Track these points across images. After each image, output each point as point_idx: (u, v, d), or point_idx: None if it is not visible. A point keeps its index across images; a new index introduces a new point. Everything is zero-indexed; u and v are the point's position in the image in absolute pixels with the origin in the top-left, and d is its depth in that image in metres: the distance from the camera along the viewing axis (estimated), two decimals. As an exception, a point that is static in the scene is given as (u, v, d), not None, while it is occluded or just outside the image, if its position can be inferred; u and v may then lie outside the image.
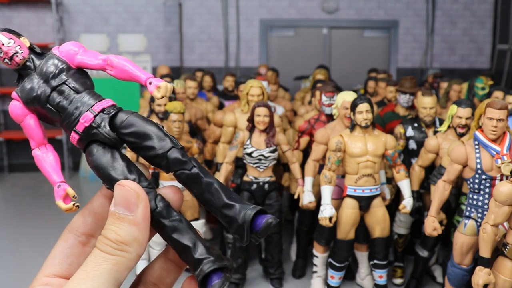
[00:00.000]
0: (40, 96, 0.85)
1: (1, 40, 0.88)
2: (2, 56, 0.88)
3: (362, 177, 3.83)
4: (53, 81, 0.85)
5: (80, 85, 0.86)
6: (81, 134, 0.81)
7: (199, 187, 0.80)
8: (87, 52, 0.88)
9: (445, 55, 8.63)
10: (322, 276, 4.36)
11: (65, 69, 0.86)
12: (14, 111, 0.89)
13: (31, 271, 4.91)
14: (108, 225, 0.67)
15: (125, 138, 0.81)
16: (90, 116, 0.81)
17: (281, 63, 8.19)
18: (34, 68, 0.88)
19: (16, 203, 6.81)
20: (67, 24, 7.87)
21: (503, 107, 3.21)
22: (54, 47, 0.88)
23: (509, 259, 2.93)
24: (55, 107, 0.84)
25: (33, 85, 0.86)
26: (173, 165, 0.80)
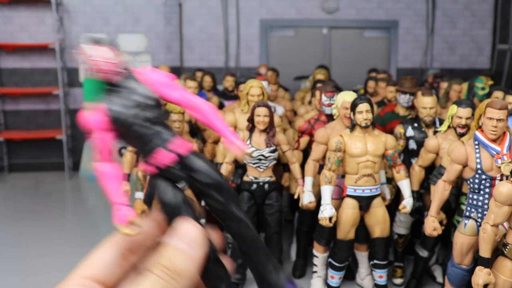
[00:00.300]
0: (127, 120, 0.87)
1: (109, 56, 0.90)
2: (105, 69, 0.89)
3: (362, 177, 3.83)
4: (140, 108, 0.87)
5: (160, 116, 0.89)
6: (156, 167, 0.85)
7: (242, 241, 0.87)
8: (172, 87, 0.92)
9: (445, 55, 8.63)
10: (322, 276, 4.36)
11: (150, 99, 0.89)
12: (92, 122, 0.90)
13: (31, 271, 4.91)
14: (165, 255, 0.71)
15: (192, 181, 0.87)
16: (165, 155, 0.86)
17: (281, 63, 8.19)
18: (125, 87, 0.89)
19: (16, 203, 6.81)
20: (67, 24, 7.87)
21: (503, 107, 3.21)
22: (139, 71, 0.91)
23: (509, 259, 2.93)
24: (137, 133, 0.86)
25: (122, 107, 0.88)
26: (228, 217, 0.86)
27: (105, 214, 6.42)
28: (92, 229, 5.80)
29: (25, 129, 8.01)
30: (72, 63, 7.96)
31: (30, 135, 7.73)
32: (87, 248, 3.48)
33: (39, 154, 8.17)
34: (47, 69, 7.93)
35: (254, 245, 0.86)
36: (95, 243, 2.87)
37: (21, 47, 7.72)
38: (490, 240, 2.92)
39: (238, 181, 4.52)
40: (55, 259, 4.96)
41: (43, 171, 8.13)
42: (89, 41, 0.90)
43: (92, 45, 0.90)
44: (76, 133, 8.21)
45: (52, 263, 4.86)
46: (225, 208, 0.85)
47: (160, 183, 0.85)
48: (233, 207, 0.85)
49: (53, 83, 7.90)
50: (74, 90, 8.08)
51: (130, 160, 4.35)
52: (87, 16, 7.92)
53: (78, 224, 6.08)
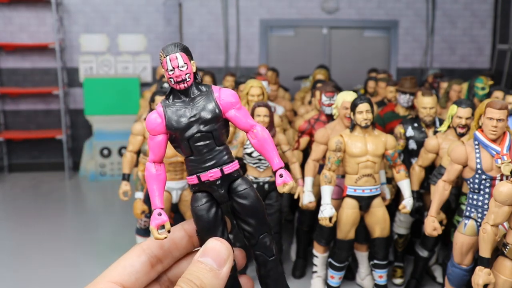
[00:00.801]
0: (185, 130, 0.88)
1: (178, 62, 0.90)
2: (171, 75, 0.90)
3: (362, 177, 3.83)
4: (204, 124, 0.88)
5: (223, 138, 0.90)
6: (201, 182, 0.86)
7: (265, 271, 0.89)
8: (241, 110, 0.93)
9: (445, 55, 8.63)
10: (322, 276, 4.36)
11: (218, 117, 0.90)
12: (152, 125, 0.91)
13: (31, 271, 4.90)
14: (193, 271, 0.73)
15: (234, 203, 0.88)
16: (218, 174, 0.87)
17: (281, 63, 8.19)
18: (189, 96, 0.90)
19: (16, 203, 6.81)
20: (67, 24, 7.87)
21: (503, 107, 3.21)
22: (215, 87, 0.92)
23: (509, 259, 2.93)
24: (193, 146, 0.87)
25: (183, 115, 0.89)
26: (259, 246, 0.88)
27: (105, 214, 6.43)
28: (92, 229, 5.80)
29: (25, 129, 8.01)
30: (72, 63, 7.97)
31: (30, 135, 7.73)
32: (87, 248, 3.54)
33: (39, 154, 8.17)
34: (47, 69, 7.93)
35: (276, 283, 0.89)
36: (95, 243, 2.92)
37: (21, 47, 7.72)
38: (490, 240, 2.92)
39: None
40: (55, 258, 4.96)
41: (43, 171, 8.13)
42: (170, 51, 0.91)
43: (171, 55, 0.91)
44: (76, 133, 8.21)
45: (52, 263, 4.86)
46: (257, 237, 0.87)
47: (199, 198, 0.87)
48: (266, 238, 0.88)
49: (53, 83, 7.90)
50: (74, 90, 8.08)
51: (130, 160, 4.35)
52: (87, 16, 7.91)
53: (78, 224, 6.08)
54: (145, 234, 4.55)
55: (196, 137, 0.87)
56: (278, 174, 0.91)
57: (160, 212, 0.87)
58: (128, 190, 4.34)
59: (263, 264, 0.88)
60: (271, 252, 0.88)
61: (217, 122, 0.89)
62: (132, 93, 7.76)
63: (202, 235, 0.83)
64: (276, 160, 0.92)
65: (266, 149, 0.93)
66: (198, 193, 0.88)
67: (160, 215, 0.86)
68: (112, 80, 7.81)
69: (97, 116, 7.74)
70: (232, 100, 0.91)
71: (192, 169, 0.88)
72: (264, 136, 0.92)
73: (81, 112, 8.04)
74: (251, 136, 0.94)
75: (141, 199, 4.17)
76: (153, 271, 0.80)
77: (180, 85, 0.90)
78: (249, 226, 0.87)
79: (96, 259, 4.83)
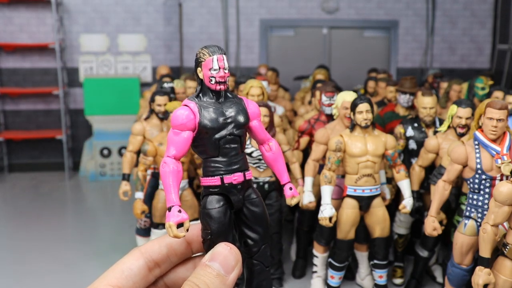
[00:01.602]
0: (218, 130, 0.89)
1: (225, 63, 0.92)
2: (214, 74, 0.90)
3: (362, 177, 3.82)
4: (235, 128, 0.90)
5: (245, 145, 0.92)
6: (222, 185, 0.86)
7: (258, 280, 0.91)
8: (261, 123, 0.97)
9: (445, 55, 8.63)
10: (322, 276, 4.36)
11: (245, 124, 0.92)
12: (183, 120, 0.90)
13: (31, 271, 4.90)
14: (200, 275, 0.73)
15: (244, 209, 0.90)
16: (241, 179, 0.89)
17: (281, 63, 8.19)
18: (220, 99, 0.92)
19: (16, 203, 6.81)
20: (67, 24, 7.87)
21: (503, 107, 3.21)
22: (242, 97, 0.95)
23: (509, 259, 2.93)
24: (221, 148, 0.88)
25: (217, 116, 0.90)
26: (260, 255, 0.90)
27: (105, 214, 6.43)
28: (92, 229, 5.80)
29: (25, 129, 8.01)
30: (72, 63, 7.97)
31: (30, 135, 7.73)
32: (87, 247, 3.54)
33: (39, 154, 8.17)
34: (47, 69, 7.93)
35: None
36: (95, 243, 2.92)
37: (21, 47, 7.72)
38: (490, 240, 2.92)
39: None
40: (54, 259, 4.96)
41: (43, 171, 8.13)
42: (219, 51, 0.92)
43: (220, 55, 0.93)
44: (76, 133, 8.21)
45: (52, 263, 4.86)
46: (260, 245, 0.89)
47: (216, 200, 0.87)
48: (267, 248, 0.90)
49: (53, 83, 7.90)
50: (74, 90, 8.08)
51: (130, 160, 4.35)
52: (87, 16, 7.91)
53: (78, 224, 6.08)
54: (145, 234, 4.54)
55: (227, 139, 0.88)
56: (288, 187, 0.95)
57: (180, 209, 0.86)
58: (128, 190, 4.34)
59: (259, 274, 0.89)
60: (268, 262, 0.90)
61: (244, 129, 0.92)
62: (132, 93, 7.76)
63: (215, 238, 0.83)
64: (285, 175, 0.97)
65: (279, 163, 0.97)
66: (213, 195, 0.87)
67: (180, 212, 0.86)
68: (112, 80, 7.81)
69: (97, 116, 7.74)
70: (258, 112, 0.95)
71: (215, 170, 0.88)
72: (278, 151, 0.97)
73: (81, 112, 8.04)
74: (266, 148, 0.97)
75: (141, 199, 4.17)
76: (150, 275, 0.80)
77: (221, 86, 0.91)
78: (255, 233, 0.88)
79: (96, 259, 4.83)
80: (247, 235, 0.88)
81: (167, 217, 0.85)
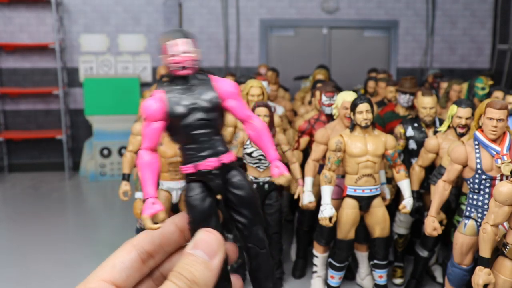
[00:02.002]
0: (185, 117, 0.87)
1: (185, 47, 0.90)
2: (175, 59, 0.89)
3: (362, 177, 3.83)
4: (204, 112, 0.87)
5: (220, 128, 0.89)
6: (197, 171, 0.85)
7: (256, 264, 0.89)
8: (240, 100, 0.92)
9: (445, 55, 8.63)
10: (322, 276, 4.36)
11: (217, 106, 0.89)
12: (151, 110, 0.89)
13: (30, 271, 4.89)
14: (184, 264, 0.72)
15: (228, 193, 0.87)
16: (216, 163, 0.85)
17: (281, 63, 8.19)
18: (189, 83, 0.89)
19: (16, 203, 6.81)
20: (67, 24, 7.87)
21: (503, 107, 3.21)
22: (213, 76, 0.91)
23: (509, 259, 2.93)
24: (191, 134, 0.86)
25: (184, 102, 0.88)
26: (252, 238, 0.88)
27: (105, 214, 6.43)
28: (92, 229, 5.80)
29: (25, 129, 8.01)
30: (72, 63, 7.97)
31: (30, 135, 7.73)
32: (87, 248, 3.53)
33: (39, 154, 8.17)
34: (47, 69, 7.93)
35: (266, 276, 0.88)
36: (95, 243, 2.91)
37: (21, 47, 7.72)
38: (490, 240, 2.92)
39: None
40: (55, 259, 4.96)
41: (43, 171, 8.13)
42: (177, 35, 0.90)
43: (177, 39, 0.90)
44: (76, 133, 8.21)
45: (52, 263, 4.86)
46: (251, 228, 0.87)
47: (194, 187, 0.86)
48: (259, 230, 0.87)
49: (53, 83, 7.90)
50: (74, 90, 8.08)
51: (130, 160, 4.35)
52: (87, 16, 7.92)
53: (78, 224, 6.08)
54: (145, 234, 4.54)
55: (196, 125, 0.87)
56: (275, 165, 0.91)
57: (154, 201, 0.86)
58: (128, 190, 4.34)
59: (255, 257, 0.87)
60: (263, 244, 0.88)
61: (216, 111, 0.89)
62: (132, 93, 7.76)
63: (195, 226, 0.81)
64: (272, 152, 0.92)
65: (263, 141, 0.93)
66: (193, 183, 0.87)
67: (154, 204, 0.85)
68: (112, 80, 7.81)
69: (97, 116, 7.74)
70: (232, 90, 0.91)
71: (188, 157, 0.87)
72: (261, 127, 0.92)
73: (81, 112, 8.04)
74: (248, 127, 0.93)
75: (141, 199, 4.17)
76: (145, 267, 0.79)
77: (184, 70, 0.89)
78: (243, 217, 0.86)
79: (96, 259, 4.83)
80: (236, 219, 0.86)
81: (142, 210, 0.85)
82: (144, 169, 0.90)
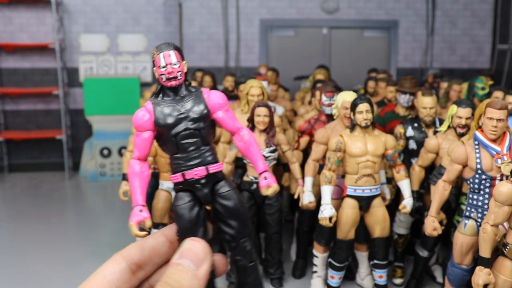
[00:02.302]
0: (173, 127, 0.88)
1: (171, 59, 0.92)
2: (163, 72, 0.90)
3: (362, 177, 3.83)
4: (192, 122, 0.89)
5: (209, 138, 0.90)
6: (185, 180, 0.85)
7: (244, 277, 0.88)
8: (229, 112, 0.93)
9: (445, 55, 8.63)
10: (322, 276, 4.36)
11: (206, 117, 0.90)
12: (140, 120, 0.91)
13: (30, 271, 4.90)
14: (171, 273, 0.71)
15: (216, 204, 0.88)
16: (203, 173, 0.85)
17: (281, 63, 8.19)
18: (179, 95, 0.91)
19: (16, 203, 6.81)
20: (67, 24, 7.87)
21: (503, 107, 3.21)
22: (204, 88, 0.93)
23: (509, 259, 2.93)
24: (179, 144, 0.87)
25: (172, 113, 0.90)
26: (239, 251, 0.87)
27: (105, 214, 6.43)
28: (92, 229, 5.80)
29: (25, 129, 8.01)
30: (72, 63, 7.97)
31: (30, 135, 7.73)
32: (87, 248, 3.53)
33: (39, 154, 8.17)
34: (47, 69, 7.93)
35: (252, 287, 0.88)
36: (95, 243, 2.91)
37: (21, 47, 7.72)
38: (490, 240, 2.92)
39: (238, 181, 4.52)
40: (55, 259, 4.96)
41: (43, 171, 8.13)
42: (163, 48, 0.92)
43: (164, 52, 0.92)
44: (76, 133, 8.21)
45: (52, 263, 4.86)
46: (238, 240, 0.87)
47: (182, 196, 0.86)
48: (247, 242, 0.87)
49: (53, 83, 7.90)
50: (74, 90, 8.08)
51: (130, 160, 4.34)
52: (87, 16, 7.92)
53: (78, 224, 6.08)
54: (145, 234, 4.54)
55: (183, 135, 0.88)
56: (263, 177, 0.93)
57: (141, 208, 0.87)
58: (128, 190, 4.34)
59: (243, 270, 0.87)
60: (250, 258, 0.88)
61: (205, 122, 0.90)
62: (132, 93, 7.76)
63: (182, 235, 0.81)
64: (260, 163, 0.94)
65: (252, 152, 0.95)
66: (181, 192, 0.87)
67: (141, 212, 0.86)
68: (112, 80, 7.81)
69: (97, 116, 7.74)
70: (221, 102, 0.93)
71: (176, 167, 0.88)
72: (250, 139, 0.94)
73: (81, 112, 8.04)
74: (237, 138, 0.95)
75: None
76: (134, 278, 0.79)
77: (172, 82, 0.91)
78: (230, 229, 0.86)
79: (96, 259, 4.83)
80: (223, 230, 0.87)
81: (130, 217, 0.86)
82: (133, 178, 0.91)
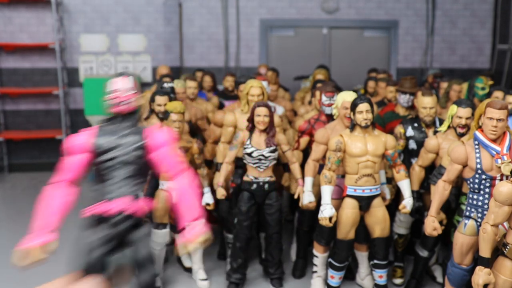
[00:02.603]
0: (101, 154, 0.89)
1: (119, 85, 0.92)
2: (115, 96, 0.91)
3: (362, 177, 3.83)
4: (121, 154, 0.88)
5: (140, 173, 0.89)
6: (95, 215, 0.85)
7: None
8: (171, 155, 0.91)
9: (445, 55, 8.63)
10: (322, 276, 4.36)
11: (138, 154, 0.90)
12: (71, 143, 0.91)
13: (31, 271, 4.89)
14: None
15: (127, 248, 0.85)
16: (114, 210, 0.85)
17: (281, 63, 8.19)
18: (122, 125, 0.91)
19: (16, 203, 6.81)
20: (67, 24, 7.88)
21: (503, 107, 3.21)
22: (150, 128, 0.91)
23: (509, 259, 2.94)
24: (101, 171, 0.87)
25: (108, 142, 0.90)
26: None
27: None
28: (92, 229, 5.79)
29: (25, 129, 8.01)
30: (72, 63, 7.97)
31: (30, 135, 7.73)
32: (87, 248, 3.29)
33: (39, 154, 8.17)
34: (47, 69, 7.93)
35: None
36: (95, 243, 2.73)
37: (21, 47, 7.72)
38: (490, 240, 2.92)
39: (238, 181, 4.53)
40: (54, 259, 4.95)
41: (43, 171, 8.12)
42: (123, 75, 0.93)
43: (121, 78, 0.93)
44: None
45: (52, 263, 4.85)
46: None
47: (95, 232, 0.87)
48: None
49: (53, 83, 7.90)
50: (74, 90, 8.08)
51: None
52: (87, 16, 7.92)
53: (78, 224, 6.06)
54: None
55: (109, 164, 0.88)
56: (186, 231, 0.89)
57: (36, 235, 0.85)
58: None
59: None
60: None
61: (136, 158, 0.90)
62: (132, 93, 7.75)
63: (84, 270, 0.81)
64: (188, 216, 0.91)
65: (185, 201, 0.93)
66: (92, 228, 0.87)
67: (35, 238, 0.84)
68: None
69: (97, 116, 7.73)
70: (162, 143, 0.91)
71: (94, 197, 0.88)
72: (187, 187, 0.92)
73: (81, 112, 8.04)
74: (175, 182, 0.93)
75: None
76: None
77: (119, 107, 0.91)
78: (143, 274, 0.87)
79: (96, 259, 4.83)
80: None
81: (21, 242, 0.85)
82: (43, 201, 0.90)
